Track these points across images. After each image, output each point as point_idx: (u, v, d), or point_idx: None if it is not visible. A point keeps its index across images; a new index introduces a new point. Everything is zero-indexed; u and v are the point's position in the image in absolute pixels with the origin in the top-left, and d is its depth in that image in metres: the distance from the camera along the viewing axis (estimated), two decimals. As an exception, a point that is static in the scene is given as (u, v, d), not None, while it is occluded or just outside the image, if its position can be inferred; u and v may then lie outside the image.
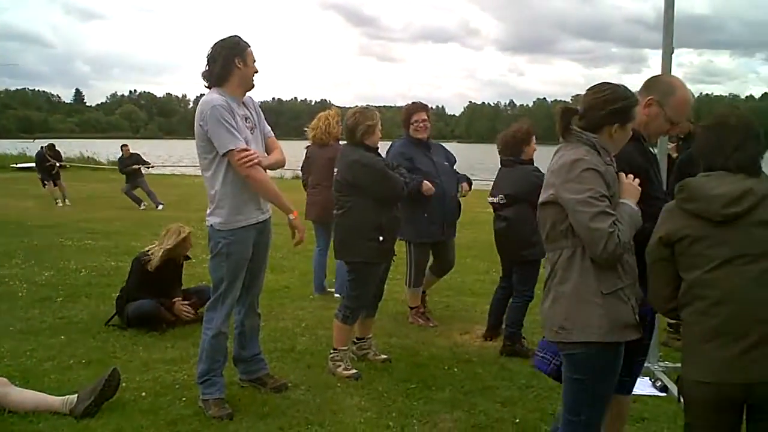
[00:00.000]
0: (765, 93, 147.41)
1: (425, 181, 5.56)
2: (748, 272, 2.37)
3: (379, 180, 4.60)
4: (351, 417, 4.04)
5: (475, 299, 6.84)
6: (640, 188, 2.72)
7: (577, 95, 2.84)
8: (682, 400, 2.58)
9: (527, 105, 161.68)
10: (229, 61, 3.91)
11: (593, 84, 2.80)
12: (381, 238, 4.58)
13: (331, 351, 4.79)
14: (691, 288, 2.48)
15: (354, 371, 4.68)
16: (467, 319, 6.24)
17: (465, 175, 6.21)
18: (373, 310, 5.05)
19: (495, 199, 5.34)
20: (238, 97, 4.00)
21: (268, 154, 4.16)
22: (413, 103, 6.12)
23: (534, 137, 5.35)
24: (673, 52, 4.53)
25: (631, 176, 2.75)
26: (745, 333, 2.35)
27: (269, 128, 4.28)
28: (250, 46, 4.00)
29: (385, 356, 5.03)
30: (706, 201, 2.43)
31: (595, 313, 2.55)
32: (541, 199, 2.71)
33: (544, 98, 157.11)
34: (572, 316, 2.58)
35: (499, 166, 5.48)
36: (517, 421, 4.00)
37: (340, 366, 4.69)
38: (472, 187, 6.19)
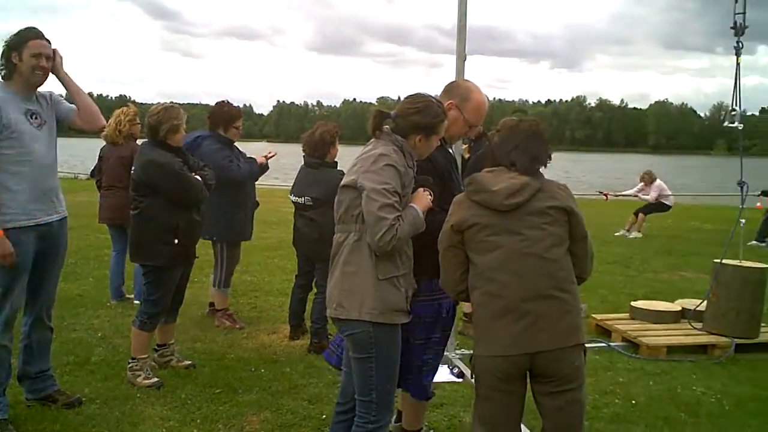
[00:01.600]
0: (549, 99, 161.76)
1: (261, 157, 5.86)
2: (528, 256, 2.69)
3: (174, 181, 4.42)
4: (152, 428, 3.87)
5: (283, 299, 6.81)
6: (430, 201, 2.95)
7: (383, 97, 2.99)
8: (474, 376, 2.84)
9: (335, 105, 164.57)
10: (7, 57, 3.68)
11: (411, 93, 3.02)
12: (176, 241, 4.41)
13: (130, 360, 4.54)
14: (479, 272, 2.77)
15: (155, 380, 4.47)
16: (275, 320, 6.20)
17: None
18: (173, 315, 4.85)
19: (300, 200, 5.35)
20: (24, 93, 3.74)
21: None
22: (236, 107, 6.05)
23: (338, 139, 5.42)
24: (466, 59, 4.81)
25: (421, 190, 2.96)
26: (527, 310, 2.66)
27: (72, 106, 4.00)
28: (34, 39, 3.69)
29: (189, 362, 4.86)
30: (491, 193, 2.73)
31: (371, 295, 2.78)
32: (342, 181, 2.88)
33: (353, 99, 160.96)
34: (351, 296, 2.81)
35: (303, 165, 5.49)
36: (324, 417, 4.04)
37: (139, 375, 4.46)
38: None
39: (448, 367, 4.90)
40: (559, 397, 2.75)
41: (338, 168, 5.32)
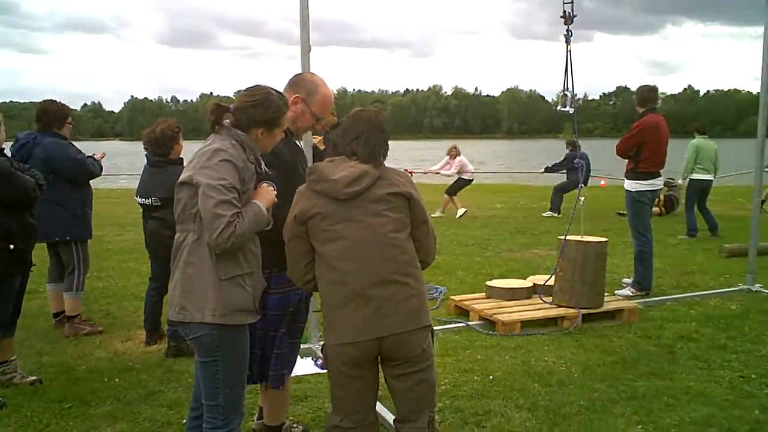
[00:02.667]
0: (407, 89, 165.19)
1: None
2: (370, 242, 2.73)
3: (2, 181, 4.10)
4: (-8, 452, 3.59)
5: (138, 303, 6.50)
6: (274, 197, 2.90)
7: (240, 90, 2.93)
8: (326, 364, 2.87)
9: (192, 100, 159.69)
10: None
11: (250, 86, 2.93)
12: (12, 247, 4.10)
13: (-35, 382, 4.18)
14: (323, 261, 2.79)
15: (-5, 400, 4.14)
16: (130, 326, 5.92)
17: None
18: (11, 329, 4.51)
19: (147, 201, 5.13)
20: None
21: None
22: (63, 103, 5.71)
23: (181, 135, 5.23)
24: (310, 50, 4.76)
25: (265, 184, 2.91)
26: (371, 295, 2.71)
27: None
28: None
29: (34, 378, 4.54)
30: (331, 182, 2.74)
31: (213, 296, 2.68)
32: (180, 178, 2.77)
33: (210, 93, 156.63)
34: (192, 298, 2.70)
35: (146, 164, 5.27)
36: (185, 422, 3.88)
37: (-23, 397, 4.12)
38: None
39: (312, 358, 4.89)
40: (409, 378, 2.82)
41: (184, 165, 5.14)
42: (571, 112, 5.81)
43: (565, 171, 14.03)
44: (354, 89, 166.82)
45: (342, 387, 2.85)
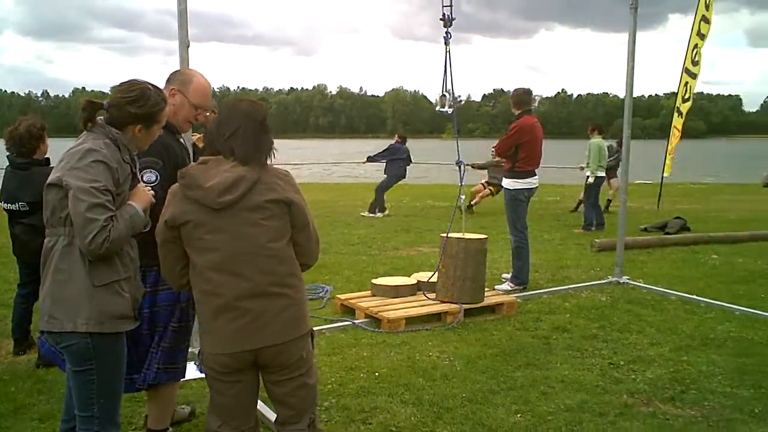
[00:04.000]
0: (291, 87, 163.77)
1: None
2: (245, 254, 2.61)
3: None
4: None
5: (5, 311, 6.12)
6: (152, 198, 2.80)
7: (115, 85, 2.78)
8: (203, 370, 2.78)
9: (64, 95, 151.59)
10: None
11: (125, 80, 2.80)
12: None
13: None
14: (198, 269, 2.65)
15: None
16: (-5, 335, 5.55)
17: None
18: None
19: (13, 207, 4.78)
20: None
21: None
22: None
23: (46, 133, 4.93)
24: (189, 45, 4.63)
25: (141, 185, 2.82)
26: (247, 308, 2.61)
27: None
28: None
29: None
30: (204, 190, 2.58)
31: (86, 304, 2.56)
32: (48, 180, 2.60)
33: (83, 88, 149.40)
34: (63, 306, 2.57)
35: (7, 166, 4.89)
36: (57, 434, 3.71)
37: None
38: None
39: (195, 363, 4.75)
40: (287, 384, 2.78)
41: (51, 165, 4.86)
42: (450, 112, 5.96)
43: (385, 161, 14.02)
44: (238, 87, 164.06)
45: (219, 393, 2.77)
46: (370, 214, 13.49)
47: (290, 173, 2.82)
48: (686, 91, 7.25)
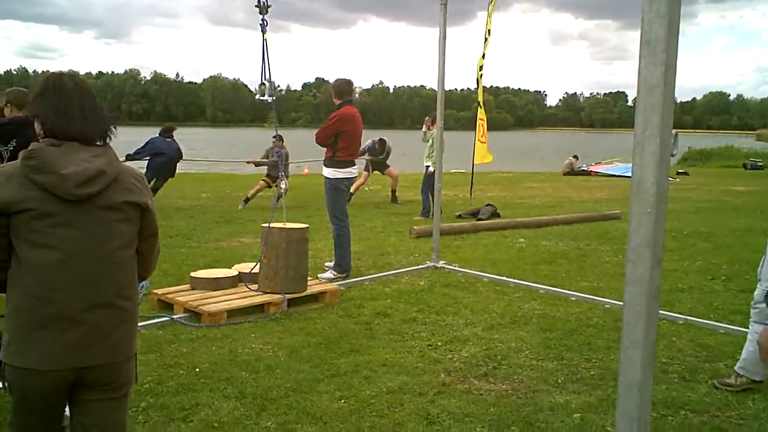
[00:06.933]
0: (100, 71, 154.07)
1: None
2: (93, 258, 2.33)
3: None
4: None
5: None
6: None
7: None
8: (7, 386, 2.40)
9: None
10: None
11: None
12: None
13: None
14: (27, 268, 2.28)
15: None
16: None
17: None
18: None
19: None
20: None
21: None
22: None
23: None
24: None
25: None
26: (83, 319, 2.31)
27: None
28: None
29: None
30: (60, 177, 2.25)
31: None
32: None
33: None
34: None
35: None
36: None
37: None
38: None
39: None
40: (105, 404, 2.48)
41: None
42: (270, 101, 5.89)
43: (147, 158, 12.70)
44: (38, 69, 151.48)
45: (28, 411, 2.41)
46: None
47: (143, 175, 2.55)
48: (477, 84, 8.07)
